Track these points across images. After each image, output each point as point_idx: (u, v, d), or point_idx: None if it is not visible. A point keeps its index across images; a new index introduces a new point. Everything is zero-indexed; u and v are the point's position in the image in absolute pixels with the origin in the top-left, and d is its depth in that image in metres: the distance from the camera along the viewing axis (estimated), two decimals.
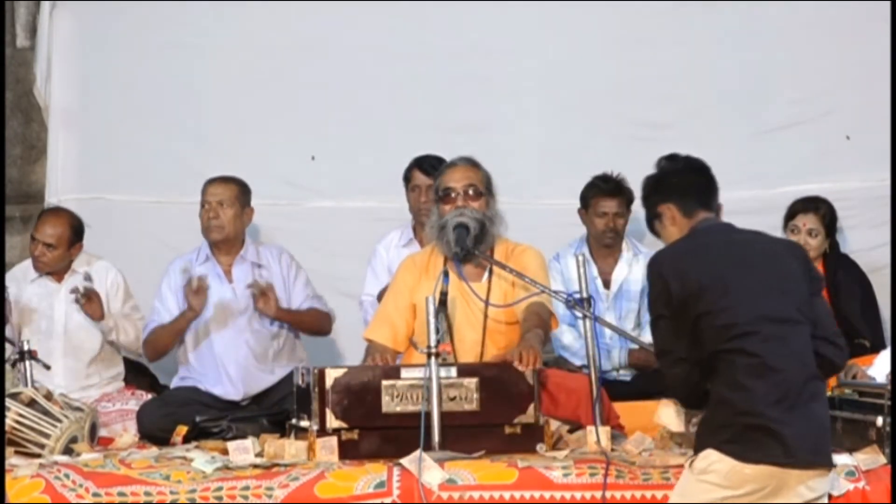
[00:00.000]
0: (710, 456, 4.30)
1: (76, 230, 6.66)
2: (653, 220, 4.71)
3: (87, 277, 6.47)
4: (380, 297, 6.28)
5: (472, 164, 5.83)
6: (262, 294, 6.31)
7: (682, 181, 4.67)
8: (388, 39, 7.59)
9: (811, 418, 4.31)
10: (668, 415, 4.84)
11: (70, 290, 6.42)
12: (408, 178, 6.80)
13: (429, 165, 6.63)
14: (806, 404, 4.30)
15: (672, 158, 4.78)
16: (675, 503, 4.44)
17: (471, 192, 5.72)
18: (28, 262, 6.79)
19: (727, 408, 4.29)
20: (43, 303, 6.63)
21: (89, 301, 6.40)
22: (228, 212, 6.45)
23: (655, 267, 4.50)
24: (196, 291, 6.22)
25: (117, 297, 6.68)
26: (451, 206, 5.70)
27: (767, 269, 4.44)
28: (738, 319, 4.32)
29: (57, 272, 6.66)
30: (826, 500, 4.44)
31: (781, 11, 7.50)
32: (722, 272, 4.39)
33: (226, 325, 6.42)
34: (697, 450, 4.37)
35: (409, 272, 5.83)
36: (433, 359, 5.06)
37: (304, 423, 5.21)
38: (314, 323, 6.60)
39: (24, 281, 6.68)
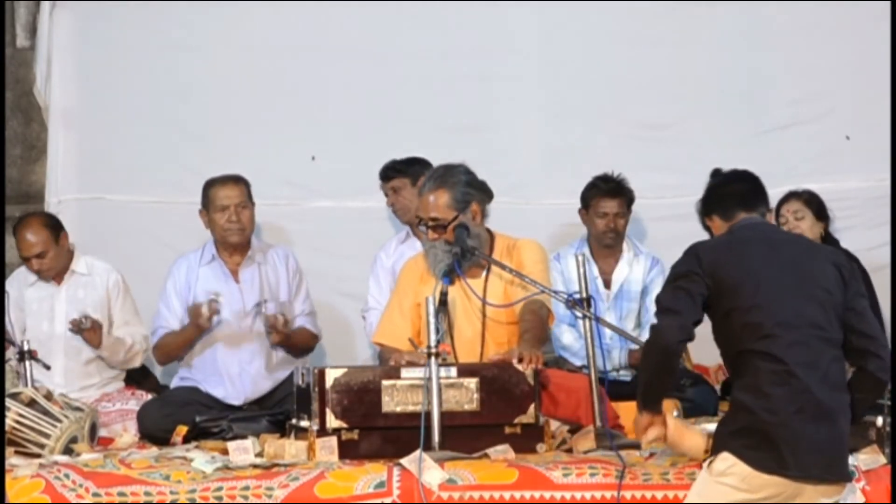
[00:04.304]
0: (729, 459, 4.29)
1: (52, 225, 6.60)
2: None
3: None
4: None
5: (437, 186, 5.61)
6: (274, 329, 6.28)
7: (721, 192, 4.70)
8: (387, 39, 7.58)
9: (829, 432, 4.28)
10: (695, 442, 4.63)
11: (70, 323, 6.41)
12: None
13: (383, 173, 6.96)
14: (825, 417, 4.27)
15: (714, 174, 4.83)
16: (692, 503, 4.43)
17: (434, 225, 5.61)
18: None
19: (749, 414, 4.28)
20: (43, 305, 6.62)
21: (89, 331, 6.41)
22: (246, 213, 6.43)
23: (693, 252, 4.48)
24: (209, 316, 6.19)
25: (118, 299, 6.67)
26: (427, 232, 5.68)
27: (799, 273, 4.40)
28: (765, 321, 4.31)
29: (57, 274, 6.65)
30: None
31: (781, 12, 7.50)
32: (755, 269, 4.38)
33: (230, 327, 6.39)
34: (716, 450, 4.36)
35: (412, 273, 5.83)
36: (433, 359, 5.06)
37: (304, 423, 5.21)
38: (302, 344, 6.53)
39: (24, 284, 6.66)
